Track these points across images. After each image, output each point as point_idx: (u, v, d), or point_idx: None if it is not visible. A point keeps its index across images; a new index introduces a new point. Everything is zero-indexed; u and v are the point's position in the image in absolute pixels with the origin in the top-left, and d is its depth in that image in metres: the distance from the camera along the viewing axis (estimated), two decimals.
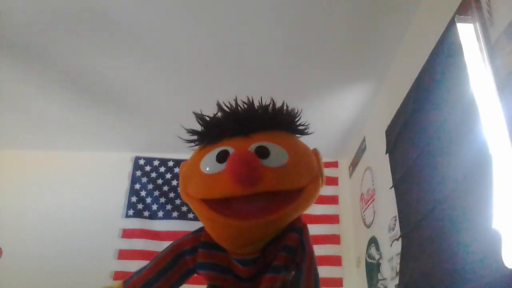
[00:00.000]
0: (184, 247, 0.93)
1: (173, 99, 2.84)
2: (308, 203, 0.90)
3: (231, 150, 0.84)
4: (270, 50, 2.32)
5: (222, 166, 0.81)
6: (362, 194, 3.03)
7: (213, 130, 0.92)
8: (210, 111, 1.03)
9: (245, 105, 0.94)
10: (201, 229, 0.93)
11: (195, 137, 0.96)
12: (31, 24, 2.16)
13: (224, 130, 0.90)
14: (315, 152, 0.97)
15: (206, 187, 0.84)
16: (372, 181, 2.76)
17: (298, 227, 0.89)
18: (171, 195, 3.45)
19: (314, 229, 3.30)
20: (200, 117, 0.96)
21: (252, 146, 0.84)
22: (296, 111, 0.99)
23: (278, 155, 0.84)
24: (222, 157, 0.83)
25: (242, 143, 0.85)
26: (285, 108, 0.97)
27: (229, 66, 2.48)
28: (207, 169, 0.85)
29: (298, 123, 0.98)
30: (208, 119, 0.95)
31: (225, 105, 0.94)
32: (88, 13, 2.08)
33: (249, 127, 0.89)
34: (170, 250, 0.95)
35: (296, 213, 0.89)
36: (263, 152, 0.83)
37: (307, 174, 0.88)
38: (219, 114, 0.95)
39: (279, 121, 0.94)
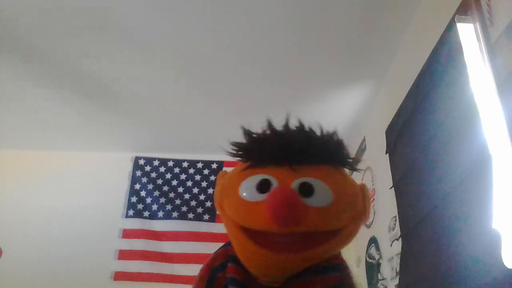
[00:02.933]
0: (215, 263, 0.89)
1: (173, 99, 2.84)
2: (347, 242, 0.86)
3: (273, 181, 0.79)
4: (270, 51, 2.32)
5: (261, 197, 0.77)
6: None
7: (258, 153, 0.86)
8: (210, 110, 1.02)
9: (296, 130, 0.87)
10: (229, 243, 0.89)
11: (239, 152, 0.89)
12: (31, 24, 2.17)
13: (270, 157, 0.84)
14: (362, 187, 0.90)
15: (243, 215, 0.80)
16: (372, 181, 2.76)
17: (338, 266, 0.84)
18: (171, 195, 3.45)
19: None
20: (247, 133, 0.89)
21: (296, 182, 0.78)
22: (344, 143, 0.90)
23: (322, 194, 0.78)
24: (263, 187, 0.78)
25: (287, 176, 0.80)
26: (335, 139, 0.89)
27: (229, 67, 2.48)
28: (246, 195, 0.81)
29: (348, 156, 0.90)
30: (255, 137, 0.88)
31: (275, 127, 0.87)
32: (88, 13, 2.08)
33: (297, 159, 0.82)
34: (203, 270, 0.90)
35: (333, 251, 0.84)
36: (307, 190, 0.77)
37: (349, 213, 0.82)
38: (267, 133, 0.88)
39: (329, 155, 0.87)
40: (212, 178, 3.51)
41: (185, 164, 3.56)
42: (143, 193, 3.43)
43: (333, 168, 0.86)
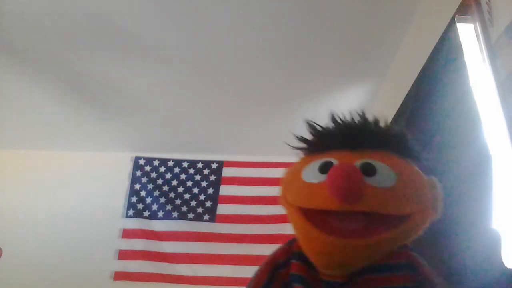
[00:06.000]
0: (277, 260, 0.88)
1: (173, 99, 2.84)
2: (411, 234, 0.81)
3: (335, 162, 0.79)
4: (270, 51, 2.32)
5: (323, 177, 0.77)
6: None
7: (322, 140, 0.88)
8: (210, 110, 1.02)
9: (358, 118, 0.89)
10: (294, 240, 0.88)
11: (303, 145, 0.91)
12: (31, 26, 2.16)
13: (332, 141, 0.86)
14: (431, 181, 0.86)
15: (304, 195, 0.81)
16: None
17: (410, 265, 0.79)
18: (171, 195, 3.45)
19: None
20: (311, 125, 0.92)
21: (358, 162, 0.78)
22: (407, 134, 0.90)
23: (384, 175, 0.77)
24: (325, 168, 0.79)
25: (348, 157, 0.80)
26: (398, 128, 0.90)
27: (229, 67, 2.48)
28: (308, 178, 0.82)
29: (412, 148, 0.88)
30: (319, 128, 0.91)
31: (337, 116, 0.90)
32: (88, 16, 2.08)
33: (359, 142, 0.83)
34: (265, 265, 0.88)
35: (395, 243, 0.79)
36: (368, 170, 0.76)
37: (414, 202, 0.79)
38: (331, 124, 0.91)
39: (392, 141, 0.86)
40: (212, 178, 3.51)
41: (185, 164, 3.56)
42: (143, 193, 3.43)
43: (396, 156, 0.84)
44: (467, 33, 1.48)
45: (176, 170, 3.54)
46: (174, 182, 3.49)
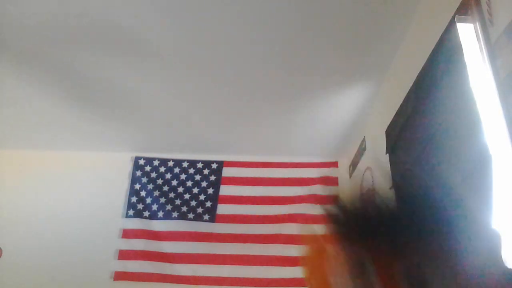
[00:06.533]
0: None
1: (173, 99, 2.84)
2: None
3: (371, 268, 0.64)
4: (270, 51, 2.32)
5: None
6: (362, 194, 3.03)
7: (357, 226, 0.70)
8: (210, 110, 1.01)
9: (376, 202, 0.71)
10: None
11: (333, 225, 0.73)
12: (31, 27, 2.16)
13: (367, 230, 0.68)
14: None
15: None
16: (372, 181, 2.76)
17: None
18: (171, 195, 3.45)
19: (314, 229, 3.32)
20: (340, 206, 0.73)
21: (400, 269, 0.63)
22: None
23: None
24: (358, 275, 0.64)
25: (389, 261, 0.64)
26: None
27: (229, 67, 2.48)
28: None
29: None
30: (352, 209, 0.72)
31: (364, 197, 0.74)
32: (88, 16, 2.08)
33: (390, 234, 0.67)
34: None
35: None
36: None
37: None
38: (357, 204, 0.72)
39: None
40: (212, 178, 3.51)
41: (185, 164, 3.56)
42: (143, 193, 3.43)
43: None
44: (467, 33, 1.49)
45: (176, 170, 3.54)
46: (174, 182, 3.49)
